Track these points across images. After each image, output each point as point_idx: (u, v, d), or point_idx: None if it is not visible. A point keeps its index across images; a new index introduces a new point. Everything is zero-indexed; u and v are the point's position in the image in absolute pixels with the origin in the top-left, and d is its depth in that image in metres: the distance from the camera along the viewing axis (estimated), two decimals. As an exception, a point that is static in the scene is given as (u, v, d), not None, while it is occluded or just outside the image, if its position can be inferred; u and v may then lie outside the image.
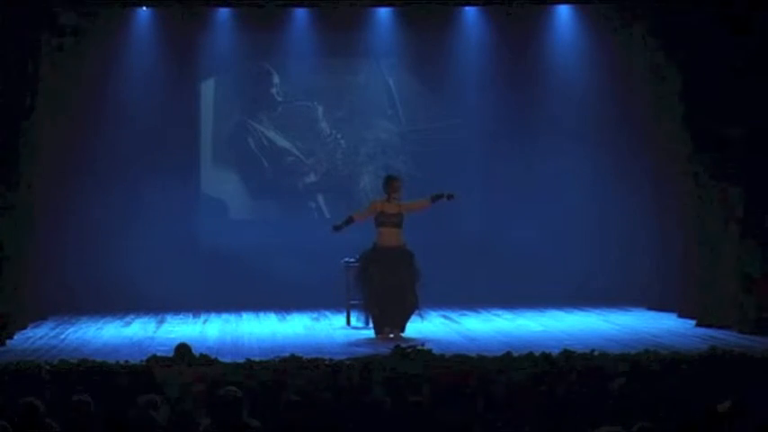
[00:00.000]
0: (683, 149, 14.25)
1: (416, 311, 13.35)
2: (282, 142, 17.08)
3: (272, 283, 15.94)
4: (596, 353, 10.82)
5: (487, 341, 12.65)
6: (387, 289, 13.12)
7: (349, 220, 13.52)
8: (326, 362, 10.46)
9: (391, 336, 13.04)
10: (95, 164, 16.04)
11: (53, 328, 14.29)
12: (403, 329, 13.23)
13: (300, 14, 16.56)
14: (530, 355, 10.68)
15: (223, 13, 16.45)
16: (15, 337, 13.25)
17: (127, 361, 10.61)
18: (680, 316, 14.60)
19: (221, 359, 10.69)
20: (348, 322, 14.38)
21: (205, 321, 14.95)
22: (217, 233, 16.75)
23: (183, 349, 10.71)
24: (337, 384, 10.00)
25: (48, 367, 10.34)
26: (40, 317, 14.83)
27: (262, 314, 15.55)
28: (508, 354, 10.74)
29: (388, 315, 13.17)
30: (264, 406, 8.89)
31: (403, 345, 11.02)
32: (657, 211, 15.47)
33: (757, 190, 13.44)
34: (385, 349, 11.08)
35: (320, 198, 17.09)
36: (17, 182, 13.57)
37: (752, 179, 13.46)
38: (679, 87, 14.18)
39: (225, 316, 15.36)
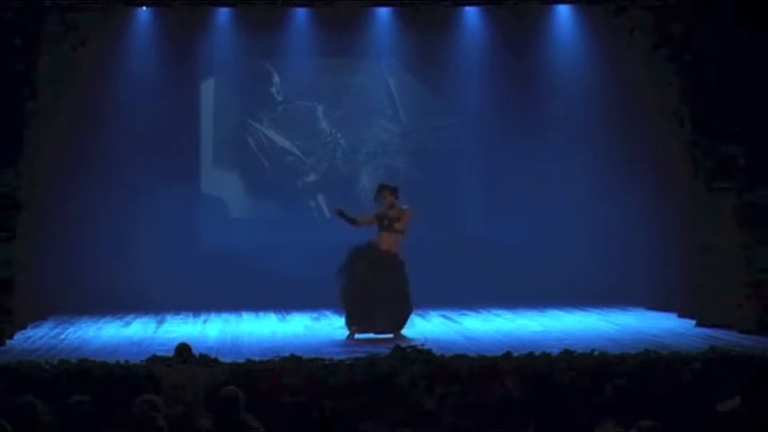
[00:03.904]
0: (684, 149, 14.25)
1: (408, 316, 13.31)
2: (283, 142, 17.08)
3: (272, 283, 15.93)
4: (596, 353, 10.83)
5: (487, 341, 12.64)
6: (367, 288, 13.07)
7: (352, 220, 13.46)
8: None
9: (357, 336, 13.01)
10: (95, 164, 16.03)
11: (53, 328, 14.29)
12: (399, 330, 13.20)
13: (300, 14, 16.56)
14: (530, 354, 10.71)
15: (223, 13, 16.44)
16: (15, 337, 13.24)
17: (127, 361, 10.61)
18: (680, 316, 14.60)
19: (221, 359, 10.70)
20: (348, 322, 14.37)
21: (205, 321, 14.95)
22: (217, 233, 16.75)
23: (183, 349, 10.70)
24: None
25: (48, 367, 10.34)
26: (40, 317, 14.83)
27: (262, 314, 15.55)
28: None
29: (364, 313, 13.10)
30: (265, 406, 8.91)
31: (403, 345, 11.03)
32: (658, 211, 15.46)
33: (757, 190, 13.44)
34: (385, 349, 11.08)
35: (320, 197, 17.09)
36: (18, 182, 13.57)
37: (753, 179, 13.46)
38: (680, 87, 14.17)
39: (225, 316, 15.36)
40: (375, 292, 13.08)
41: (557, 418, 9.26)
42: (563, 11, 16.58)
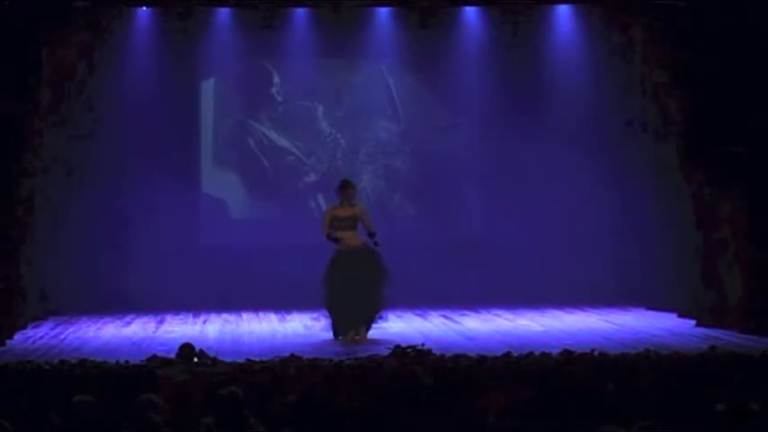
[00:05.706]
0: (683, 149, 14.25)
1: (379, 313, 13.04)
2: (282, 142, 17.08)
3: (272, 283, 15.93)
4: (596, 353, 10.83)
5: (487, 341, 12.63)
6: (347, 290, 12.90)
7: (336, 239, 13.11)
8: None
9: (357, 338, 12.82)
10: (95, 163, 16.03)
11: (53, 328, 14.28)
12: (367, 330, 12.95)
13: (300, 14, 16.56)
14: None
15: (223, 13, 16.44)
16: (15, 337, 13.24)
17: (127, 361, 10.62)
18: (680, 316, 14.60)
19: (221, 359, 10.69)
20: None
21: (205, 321, 14.95)
22: (217, 233, 16.75)
23: (186, 350, 10.71)
24: None
25: (48, 367, 10.34)
26: (40, 317, 14.83)
27: (262, 314, 15.55)
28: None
29: (350, 316, 12.97)
30: (265, 406, 8.89)
31: (402, 346, 11.02)
32: (657, 210, 15.46)
33: (758, 190, 13.45)
34: (384, 350, 11.08)
35: (320, 198, 17.07)
36: (18, 181, 13.57)
37: (752, 179, 13.46)
38: (679, 87, 14.17)
39: (225, 316, 15.36)
40: (356, 292, 12.84)
41: (556, 419, 9.24)
42: (563, 11, 16.59)
